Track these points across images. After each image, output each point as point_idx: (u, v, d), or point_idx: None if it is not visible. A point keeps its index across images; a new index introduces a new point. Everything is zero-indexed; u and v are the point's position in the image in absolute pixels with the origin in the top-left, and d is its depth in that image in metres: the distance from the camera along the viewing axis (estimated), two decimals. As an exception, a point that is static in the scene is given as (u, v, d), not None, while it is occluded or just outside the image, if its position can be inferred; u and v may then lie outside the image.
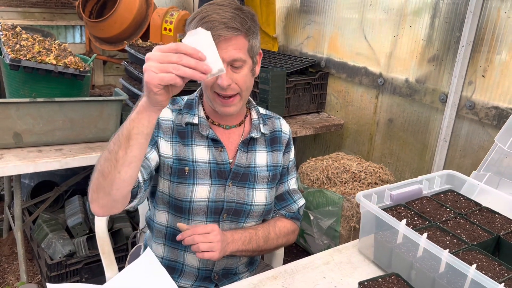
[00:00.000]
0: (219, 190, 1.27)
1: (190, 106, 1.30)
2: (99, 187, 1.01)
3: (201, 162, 1.26)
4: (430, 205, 1.39)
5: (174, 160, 1.25)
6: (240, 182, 1.30)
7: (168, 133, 1.26)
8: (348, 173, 2.48)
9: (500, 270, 1.12)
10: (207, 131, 1.27)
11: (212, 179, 1.27)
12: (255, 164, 1.33)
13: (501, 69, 1.96)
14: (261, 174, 1.33)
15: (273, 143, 1.38)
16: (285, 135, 1.41)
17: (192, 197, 1.25)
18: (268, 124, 1.38)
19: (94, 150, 1.98)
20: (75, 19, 4.31)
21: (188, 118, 1.27)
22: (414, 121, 2.40)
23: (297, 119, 2.78)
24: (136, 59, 2.51)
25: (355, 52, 2.70)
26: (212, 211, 1.28)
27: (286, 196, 1.43)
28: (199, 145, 1.27)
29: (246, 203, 1.31)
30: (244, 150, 1.31)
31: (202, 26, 1.10)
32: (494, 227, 1.29)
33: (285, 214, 1.43)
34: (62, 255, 2.12)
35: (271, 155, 1.37)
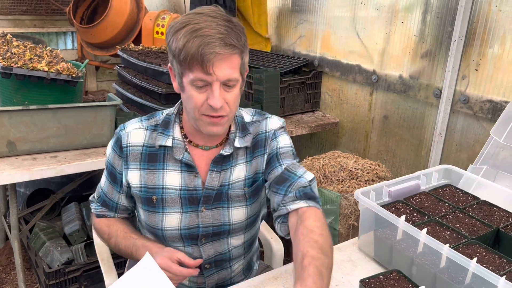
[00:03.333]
0: (191, 217, 1.20)
1: (166, 124, 1.19)
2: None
3: (171, 189, 1.18)
4: (428, 200, 1.39)
5: (142, 188, 1.20)
6: (214, 204, 1.20)
7: (136, 160, 1.19)
8: (345, 171, 2.48)
9: (500, 263, 1.12)
10: (181, 154, 1.17)
11: (183, 207, 1.19)
12: (228, 182, 1.20)
13: (494, 62, 1.97)
14: (235, 193, 1.21)
15: (255, 149, 1.23)
16: (268, 133, 1.24)
17: (163, 225, 1.20)
18: (252, 131, 1.23)
19: (89, 156, 1.97)
20: (66, 25, 4.28)
21: (162, 140, 1.17)
22: (409, 117, 2.40)
23: (292, 119, 2.77)
24: (129, 64, 2.50)
25: (348, 50, 2.70)
26: (187, 237, 1.21)
27: (286, 174, 1.16)
28: (171, 170, 1.18)
29: (223, 223, 1.22)
30: (216, 170, 1.19)
31: (195, 40, 1.01)
32: (493, 220, 1.30)
33: (296, 195, 1.11)
34: (60, 263, 2.10)
35: (250, 165, 1.22)
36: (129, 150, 1.20)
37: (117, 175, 1.23)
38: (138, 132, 1.20)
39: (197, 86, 1.06)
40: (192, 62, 1.02)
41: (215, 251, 1.26)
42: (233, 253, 1.29)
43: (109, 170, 1.25)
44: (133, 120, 1.24)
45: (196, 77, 1.04)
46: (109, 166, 1.25)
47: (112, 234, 1.25)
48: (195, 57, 1.01)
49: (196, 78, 1.04)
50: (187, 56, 1.02)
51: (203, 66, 1.02)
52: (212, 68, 1.02)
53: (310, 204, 1.11)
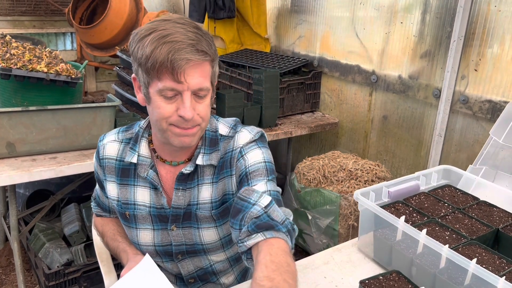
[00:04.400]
0: (163, 234, 1.17)
1: (136, 139, 1.15)
2: None
3: (142, 206, 1.16)
4: (428, 200, 1.39)
5: (118, 202, 1.20)
6: (184, 223, 1.15)
7: (112, 173, 1.19)
8: (344, 171, 2.48)
9: (500, 263, 1.12)
10: (145, 172, 1.12)
11: (154, 224, 1.17)
12: (196, 201, 1.14)
13: (493, 62, 1.97)
14: (203, 214, 1.14)
15: (222, 170, 1.13)
16: (235, 151, 1.12)
17: (138, 240, 1.20)
18: (221, 149, 1.14)
19: (89, 157, 1.96)
20: (66, 26, 4.29)
21: (129, 157, 1.14)
22: (408, 117, 2.41)
23: (292, 119, 2.77)
24: (128, 64, 2.50)
25: (348, 50, 2.70)
26: (163, 253, 1.20)
27: (239, 204, 1.01)
28: (140, 186, 1.16)
29: (195, 243, 1.17)
30: (182, 189, 1.12)
31: (164, 46, 0.94)
32: (493, 221, 1.30)
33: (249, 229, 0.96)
34: (60, 264, 2.10)
35: (216, 187, 1.13)
36: (105, 162, 1.20)
37: (102, 182, 1.24)
38: (112, 145, 1.19)
39: (165, 96, 0.98)
40: (162, 69, 0.95)
41: (195, 266, 1.23)
42: (216, 267, 1.24)
43: (96, 176, 1.27)
44: (112, 131, 1.23)
45: (165, 86, 0.97)
46: (96, 173, 1.26)
47: (104, 233, 1.32)
48: (164, 64, 0.94)
49: (166, 87, 0.97)
50: (156, 64, 0.94)
51: (173, 74, 0.95)
52: (183, 75, 0.96)
53: (267, 235, 0.95)
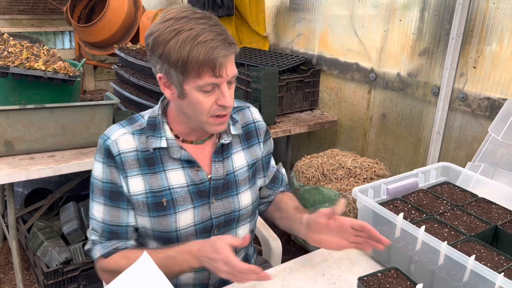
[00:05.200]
0: (204, 210, 1.19)
1: (153, 126, 1.16)
2: None
3: (179, 188, 1.16)
4: (426, 197, 1.39)
5: (147, 194, 1.14)
6: (223, 194, 1.22)
7: (135, 166, 1.13)
8: (343, 169, 2.48)
9: (499, 260, 1.12)
10: (178, 153, 1.16)
11: (194, 202, 1.18)
12: (233, 169, 1.24)
13: (492, 59, 1.97)
14: (242, 177, 1.25)
15: (249, 138, 1.29)
16: (260, 123, 1.32)
17: (177, 226, 1.17)
18: (239, 119, 1.28)
19: (87, 155, 1.96)
20: (64, 25, 4.28)
21: (155, 143, 1.14)
22: (407, 115, 2.40)
23: (291, 117, 2.77)
24: (127, 63, 2.49)
25: (346, 48, 2.70)
26: (201, 231, 1.20)
27: (276, 174, 1.41)
28: (172, 169, 1.16)
29: (233, 210, 1.24)
30: (219, 160, 1.21)
31: (199, 47, 1.01)
32: (491, 218, 1.30)
33: (284, 190, 1.43)
34: (59, 262, 2.10)
35: (248, 152, 1.28)
36: (123, 157, 1.13)
37: (119, 189, 1.14)
38: (125, 138, 1.14)
39: (205, 91, 1.06)
40: (202, 68, 1.02)
41: None
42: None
43: (108, 190, 1.14)
44: (113, 127, 1.17)
45: (206, 82, 1.04)
46: (106, 185, 1.14)
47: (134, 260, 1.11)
48: (205, 63, 1.02)
49: (206, 83, 1.05)
50: (196, 64, 1.01)
51: (214, 71, 1.03)
52: (224, 70, 1.04)
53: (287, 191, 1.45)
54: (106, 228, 1.16)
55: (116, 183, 1.14)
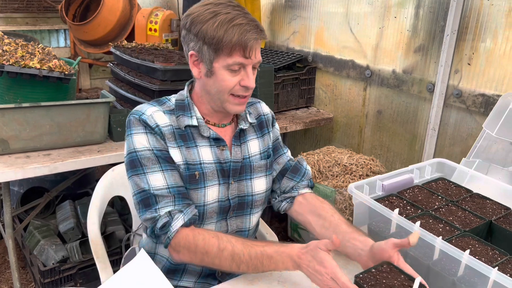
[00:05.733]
0: (225, 189, 1.27)
1: (182, 107, 1.24)
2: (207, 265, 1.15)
3: (208, 163, 1.23)
4: (421, 193, 1.40)
5: (184, 165, 1.20)
6: (239, 176, 1.30)
7: (171, 139, 1.20)
8: (339, 166, 2.49)
9: (493, 254, 1.13)
10: (208, 131, 1.24)
11: (220, 179, 1.25)
12: (249, 155, 1.32)
13: (486, 56, 1.98)
14: (257, 163, 1.33)
15: (261, 128, 1.38)
16: (268, 115, 1.42)
17: (205, 200, 1.23)
18: (252, 111, 1.38)
19: (83, 153, 1.96)
20: (59, 23, 4.26)
21: (187, 121, 1.22)
22: (402, 112, 2.41)
23: (287, 115, 2.78)
24: (122, 61, 2.49)
25: (342, 45, 2.70)
26: (221, 210, 1.27)
27: (298, 166, 1.39)
28: (202, 146, 1.24)
29: (247, 194, 1.31)
30: (237, 144, 1.30)
31: (234, 28, 1.11)
32: (486, 213, 1.31)
33: (308, 184, 1.40)
34: (55, 261, 2.10)
35: (262, 140, 1.36)
36: (161, 129, 1.19)
37: (170, 155, 1.18)
38: (159, 114, 1.21)
39: (232, 70, 1.15)
40: (235, 48, 1.12)
41: (237, 226, 1.33)
42: (249, 233, 1.37)
43: (161, 156, 1.17)
44: (144, 106, 1.23)
45: (235, 61, 1.14)
46: (158, 152, 1.17)
47: (225, 244, 1.10)
48: (238, 43, 1.12)
49: (235, 62, 1.14)
50: (230, 43, 1.11)
51: (245, 52, 1.13)
52: (253, 53, 1.14)
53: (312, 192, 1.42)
54: (175, 191, 1.16)
55: (166, 149, 1.19)
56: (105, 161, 1.98)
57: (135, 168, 1.17)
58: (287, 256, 1.07)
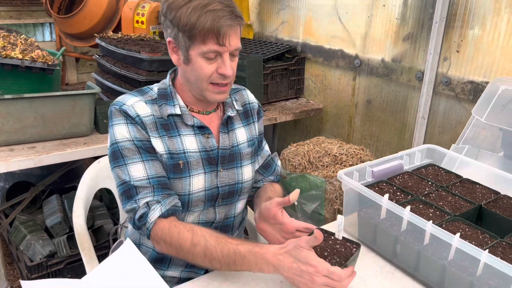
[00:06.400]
0: (212, 177, 1.25)
1: (165, 96, 1.23)
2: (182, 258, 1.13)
3: (192, 152, 1.22)
4: (411, 179, 1.39)
5: (167, 155, 1.19)
6: (229, 164, 1.29)
7: (153, 129, 1.19)
8: (329, 156, 2.48)
9: (483, 238, 1.12)
10: (191, 120, 1.23)
11: (205, 167, 1.24)
12: (237, 143, 1.32)
13: (475, 43, 1.97)
14: (245, 151, 1.33)
15: (247, 117, 1.38)
16: (254, 104, 1.41)
17: (190, 189, 1.22)
18: (238, 98, 1.37)
19: (69, 146, 1.92)
20: (44, 16, 4.18)
21: (170, 110, 1.21)
22: (392, 101, 2.41)
23: (276, 106, 2.76)
24: (108, 52, 2.45)
25: (331, 35, 2.68)
26: (209, 199, 1.26)
27: (270, 162, 1.46)
28: (186, 135, 1.22)
29: (237, 182, 1.31)
30: (225, 132, 1.30)
31: (208, 14, 1.07)
32: (476, 197, 1.30)
33: (273, 179, 1.47)
34: (42, 256, 2.06)
35: (248, 129, 1.37)
36: (142, 119, 1.17)
37: (151, 145, 1.17)
38: (140, 104, 1.19)
39: (208, 57, 1.13)
40: (208, 35, 1.09)
41: (225, 214, 1.33)
42: (235, 220, 1.37)
43: (141, 146, 1.16)
44: (125, 96, 1.21)
45: (209, 49, 1.11)
46: (139, 142, 1.16)
47: (199, 239, 1.07)
48: (210, 30, 1.08)
49: (210, 50, 1.11)
50: (202, 30, 1.08)
51: (218, 39, 1.09)
52: (227, 39, 1.10)
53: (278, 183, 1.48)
54: (154, 181, 1.15)
55: (147, 139, 1.17)
56: (91, 153, 1.94)
57: (117, 159, 1.16)
58: (261, 258, 1.01)
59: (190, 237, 1.07)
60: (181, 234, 1.09)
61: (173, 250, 1.11)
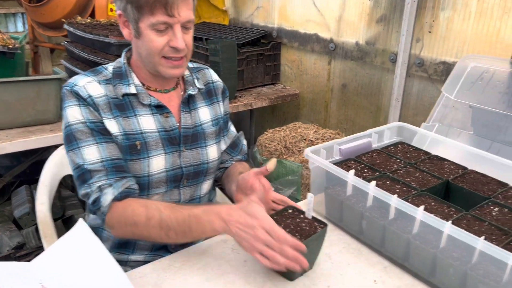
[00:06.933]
0: (174, 158, 1.21)
1: (119, 75, 1.18)
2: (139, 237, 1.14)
3: (150, 133, 1.17)
4: (380, 157, 1.37)
5: (123, 136, 1.14)
6: (192, 144, 1.25)
7: (106, 110, 1.13)
8: (305, 141, 2.46)
9: (449, 211, 1.11)
10: (148, 99, 1.18)
11: (166, 148, 1.20)
12: (200, 122, 1.28)
13: (446, 23, 1.96)
14: (209, 130, 1.30)
15: (210, 96, 1.34)
16: (218, 83, 1.38)
17: (149, 171, 1.17)
18: (200, 77, 1.33)
19: (34, 133, 1.86)
20: (15, 6, 4.06)
21: (124, 89, 1.16)
22: (366, 84, 2.39)
23: (252, 92, 2.72)
24: (76, 37, 2.38)
25: (305, 19, 2.65)
26: (171, 179, 1.22)
27: (237, 142, 1.45)
28: (143, 115, 1.17)
29: (202, 162, 1.27)
30: (186, 111, 1.25)
31: None
32: (443, 173, 1.29)
33: (241, 158, 1.45)
34: (10, 247, 2.00)
35: (211, 108, 1.33)
36: (94, 99, 1.12)
37: (105, 126, 1.12)
38: (93, 85, 1.14)
39: (158, 30, 1.08)
40: (155, 5, 1.05)
41: (190, 195, 1.29)
42: (201, 202, 1.33)
43: (94, 128, 1.11)
44: (77, 77, 1.16)
45: (158, 20, 1.06)
46: (91, 124, 1.11)
47: (153, 212, 1.04)
48: (158, 0, 1.04)
49: (159, 21, 1.07)
50: (149, 1, 1.04)
51: (166, 9, 1.05)
52: (176, 10, 1.06)
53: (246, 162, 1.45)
54: (109, 164, 1.10)
55: (100, 120, 1.12)
56: (58, 140, 1.89)
57: (70, 143, 1.11)
58: (215, 214, 0.98)
59: (145, 212, 1.04)
60: (135, 211, 1.05)
61: (129, 230, 1.07)
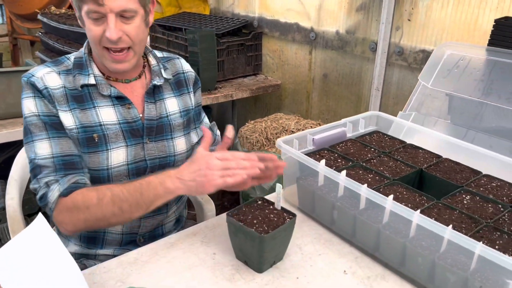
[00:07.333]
0: (137, 150, 1.17)
1: (80, 65, 1.15)
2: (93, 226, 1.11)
3: (110, 125, 1.14)
4: (354, 146, 1.35)
5: (79, 129, 1.11)
6: (158, 136, 1.21)
7: (62, 102, 1.10)
8: (287, 132, 2.43)
9: (420, 200, 1.09)
10: (108, 90, 1.14)
11: (127, 140, 1.16)
12: (167, 113, 1.24)
13: (425, 11, 1.94)
14: (176, 122, 1.26)
15: (180, 87, 1.30)
16: (190, 73, 1.33)
17: (108, 164, 1.14)
18: (169, 67, 1.29)
19: (5, 127, 1.82)
20: (-7, -3, 3.96)
21: (83, 80, 1.13)
22: (347, 74, 2.37)
23: (233, 83, 2.69)
24: (50, 28, 2.32)
25: (286, 8, 2.62)
26: (133, 173, 1.18)
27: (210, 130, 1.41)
28: (103, 106, 1.14)
29: (169, 155, 1.23)
30: (151, 101, 1.21)
31: None
32: (417, 162, 1.27)
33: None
34: (-16, 244, 1.96)
35: (180, 99, 1.28)
36: (50, 91, 1.09)
37: (59, 120, 1.09)
38: (51, 76, 1.11)
39: (93, 18, 1.05)
40: None
41: None
42: None
43: (48, 122, 1.09)
44: (37, 67, 1.13)
45: (89, 9, 1.04)
46: (45, 118, 1.08)
47: (104, 191, 1.04)
48: None
49: (90, 10, 1.04)
50: None
51: None
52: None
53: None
54: (59, 160, 1.08)
55: (54, 114, 1.10)
56: (31, 133, 1.84)
57: (26, 135, 1.10)
58: (165, 174, 1.03)
59: (95, 194, 1.03)
60: (85, 196, 1.04)
61: (81, 219, 1.04)
